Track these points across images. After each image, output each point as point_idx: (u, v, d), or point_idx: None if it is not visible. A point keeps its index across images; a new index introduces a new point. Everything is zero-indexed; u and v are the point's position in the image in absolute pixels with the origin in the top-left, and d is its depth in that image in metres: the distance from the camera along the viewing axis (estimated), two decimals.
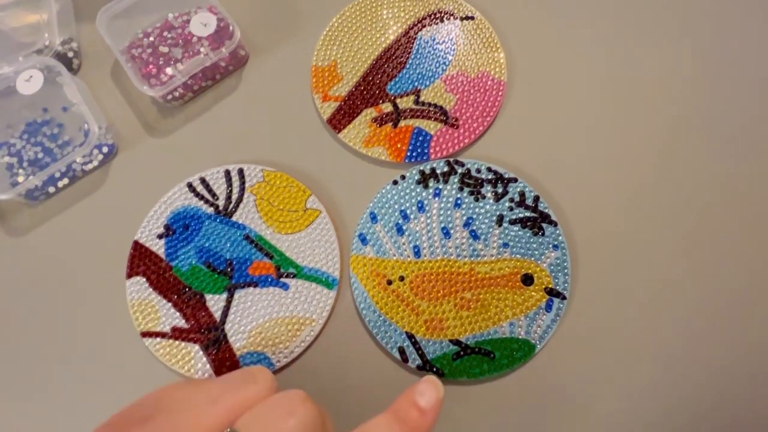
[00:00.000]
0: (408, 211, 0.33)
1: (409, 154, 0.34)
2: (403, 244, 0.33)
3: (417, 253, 0.33)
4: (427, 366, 0.30)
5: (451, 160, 0.34)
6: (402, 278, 0.32)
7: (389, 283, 0.32)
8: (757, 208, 0.33)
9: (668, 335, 0.31)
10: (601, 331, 0.32)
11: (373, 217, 0.33)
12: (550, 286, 0.31)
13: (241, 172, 0.35)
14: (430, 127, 0.35)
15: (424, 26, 0.37)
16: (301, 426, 0.19)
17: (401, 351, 0.31)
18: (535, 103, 0.36)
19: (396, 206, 0.33)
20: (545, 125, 0.36)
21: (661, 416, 0.30)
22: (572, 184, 0.34)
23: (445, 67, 0.36)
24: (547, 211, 0.33)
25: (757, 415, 0.30)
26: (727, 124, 0.35)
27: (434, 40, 0.37)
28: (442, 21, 0.37)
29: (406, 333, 0.31)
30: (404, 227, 0.33)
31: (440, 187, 0.33)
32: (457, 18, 0.37)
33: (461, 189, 0.33)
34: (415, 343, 0.31)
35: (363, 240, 0.33)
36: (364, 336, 0.32)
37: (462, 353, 0.31)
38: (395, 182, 0.34)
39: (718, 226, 0.33)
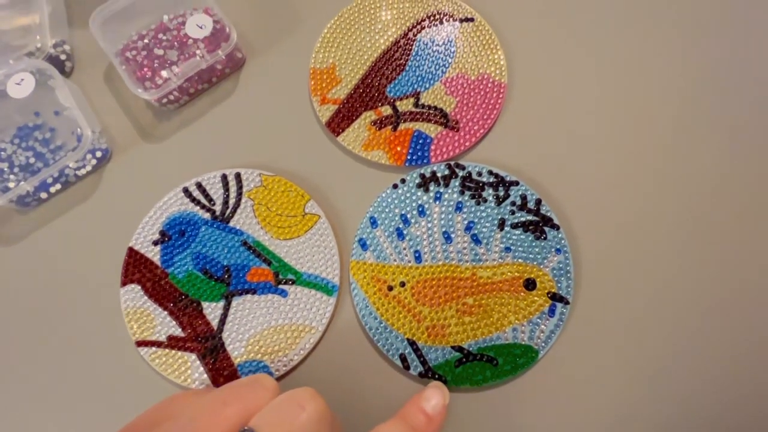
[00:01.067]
0: (408, 216, 0.33)
1: (409, 157, 0.34)
2: (404, 249, 0.32)
3: (418, 258, 0.32)
4: (429, 373, 0.30)
5: (452, 163, 0.33)
6: (403, 284, 0.32)
7: (390, 288, 0.32)
8: None
9: (675, 341, 0.31)
10: (606, 336, 0.31)
11: (373, 222, 0.33)
12: (553, 290, 0.31)
13: (238, 176, 0.34)
14: (431, 130, 0.35)
15: (423, 28, 0.37)
16: (314, 419, 0.20)
17: (402, 358, 0.30)
18: (535, 105, 0.36)
19: (396, 210, 0.33)
20: (546, 127, 0.35)
21: (667, 423, 0.30)
22: (574, 186, 0.34)
23: (444, 70, 0.36)
24: (549, 214, 0.32)
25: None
26: (734, 125, 0.35)
27: (433, 42, 0.37)
28: (441, 23, 0.37)
29: (408, 340, 0.31)
30: (405, 232, 0.33)
31: (441, 190, 0.33)
32: (456, 20, 0.37)
33: (462, 192, 0.33)
34: (416, 350, 0.30)
35: (363, 245, 0.32)
36: (365, 343, 0.32)
37: (464, 360, 0.30)
38: (395, 186, 0.33)
39: (727, 227, 0.33)
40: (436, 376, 0.30)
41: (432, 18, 0.37)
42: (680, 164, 0.34)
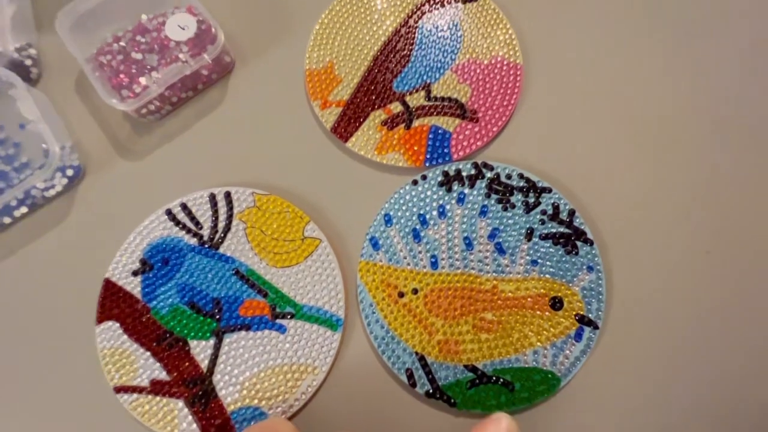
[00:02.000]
0: (427, 216, 0.30)
1: (428, 156, 0.31)
2: (420, 252, 0.29)
3: (434, 263, 0.29)
4: (437, 393, 0.27)
5: (479, 162, 0.31)
6: (415, 291, 0.29)
7: (401, 295, 0.29)
8: None
9: (712, 377, 0.28)
10: (636, 367, 0.28)
11: (388, 220, 0.30)
12: (581, 312, 0.28)
13: (228, 196, 0.30)
14: (448, 123, 0.32)
15: (424, 14, 0.34)
16: None
17: (409, 374, 0.27)
18: (559, 85, 0.33)
19: (414, 209, 0.30)
20: (571, 114, 0.32)
21: None
22: (609, 194, 0.31)
23: (453, 56, 0.33)
24: (583, 227, 0.29)
25: None
26: None
27: (437, 27, 0.34)
28: (443, 6, 0.34)
29: (416, 353, 0.28)
30: (422, 233, 0.30)
31: (465, 191, 0.30)
32: (458, 1, 0.34)
33: (488, 195, 0.30)
34: (425, 366, 0.28)
35: (375, 244, 0.29)
36: (374, 384, 0.28)
37: (478, 382, 0.27)
38: (415, 182, 0.30)
39: None
40: (445, 398, 0.27)
41: (432, 2, 0.34)
42: (731, 186, 0.31)
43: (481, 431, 0.21)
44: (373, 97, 0.32)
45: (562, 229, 0.29)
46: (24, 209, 0.31)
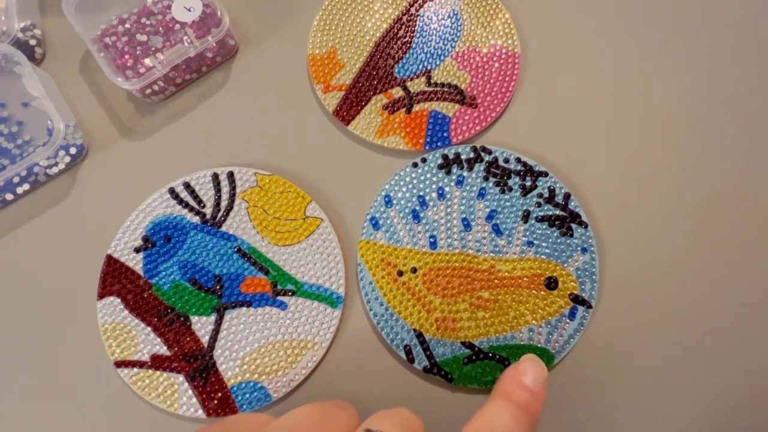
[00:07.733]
0: (427, 198, 0.30)
1: (428, 140, 0.32)
2: (419, 232, 0.30)
3: (433, 243, 0.30)
4: (434, 369, 0.28)
5: (478, 146, 0.31)
6: (414, 270, 0.29)
7: (400, 274, 0.29)
8: None
9: (704, 357, 0.29)
10: (628, 345, 0.29)
11: (388, 201, 0.30)
12: (575, 292, 0.29)
13: (231, 175, 0.31)
14: (447, 108, 0.32)
15: (425, 2, 0.35)
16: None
17: (407, 350, 0.28)
18: (555, 74, 0.33)
19: (414, 191, 0.31)
20: (567, 101, 0.33)
21: None
22: (603, 178, 0.31)
23: (453, 44, 0.34)
24: (577, 210, 0.30)
25: None
26: None
27: (438, 16, 0.34)
28: None
29: (414, 330, 0.28)
30: (421, 214, 0.30)
31: (464, 174, 0.31)
32: None
33: (486, 178, 0.31)
34: (423, 343, 0.28)
35: (375, 224, 0.30)
36: (373, 360, 0.29)
37: (474, 358, 0.28)
38: (415, 165, 0.31)
39: None
40: (442, 373, 0.28)
41: None
42: (726, 168, 0.32)
43: (515, 378, 0.21)
44: (375, 82, 0.33)
45: (557, 212, 0.30)
46: (26, 186, 0.31)
